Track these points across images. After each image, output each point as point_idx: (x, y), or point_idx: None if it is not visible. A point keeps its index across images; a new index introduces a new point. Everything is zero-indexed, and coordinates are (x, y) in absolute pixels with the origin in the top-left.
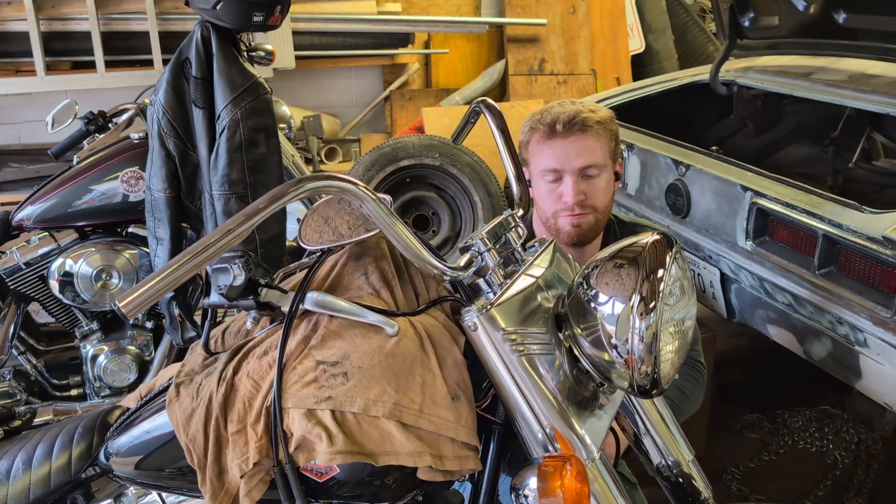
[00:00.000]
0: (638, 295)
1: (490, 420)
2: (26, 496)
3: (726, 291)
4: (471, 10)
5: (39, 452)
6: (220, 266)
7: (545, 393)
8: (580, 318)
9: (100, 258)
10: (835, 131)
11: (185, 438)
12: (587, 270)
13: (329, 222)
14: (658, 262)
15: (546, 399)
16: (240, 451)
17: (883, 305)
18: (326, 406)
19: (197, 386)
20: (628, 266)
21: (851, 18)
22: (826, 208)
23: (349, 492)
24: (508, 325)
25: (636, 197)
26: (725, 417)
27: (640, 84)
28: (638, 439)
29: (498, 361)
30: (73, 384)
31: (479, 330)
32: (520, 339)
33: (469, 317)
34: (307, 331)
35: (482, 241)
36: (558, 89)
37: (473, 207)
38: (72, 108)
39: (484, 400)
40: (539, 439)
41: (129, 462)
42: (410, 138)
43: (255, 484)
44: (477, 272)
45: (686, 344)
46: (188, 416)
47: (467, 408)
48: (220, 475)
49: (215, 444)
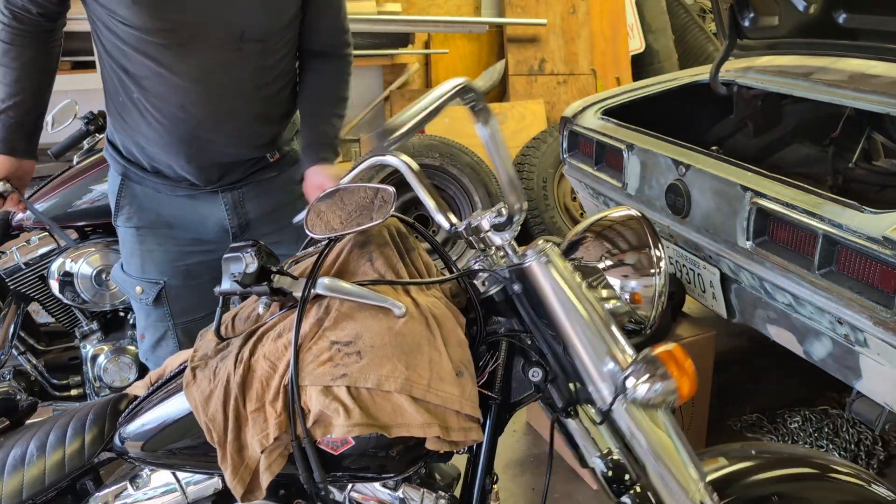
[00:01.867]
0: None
1: (488, 395)
2: (42, 480)
3: (726, 291)
4: (471, 10)
5: (52, 438)
6: (231, 255)
7: (605, 316)
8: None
9: (100, 258)
10: (835, 131)
11: (205, 418)
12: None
13: (321, 216)
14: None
15: (606, 320)
16: (259, 428)
17: (883, 305)
18: (342, 382)
19: (213, 369)
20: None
21: (851, 18)
22: (826, 208)
23: (360, 464)
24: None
25: (636, 197)
26: (725, 417)
27: (640, 84)
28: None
29: (566, 288)
30: (73, 384)
31: (553, 263)
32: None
33: (533, 254)
34: (319, 313)
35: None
36: (558, 89)
37: (474, 207)
38: (72, 108)
39: (481, 377)
40: (605, 358)
41: (145, 444)
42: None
43: (274, 458)
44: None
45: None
46: (206, 397)
47: (470, 383)
48: (240, 451)
49: (235, 423)
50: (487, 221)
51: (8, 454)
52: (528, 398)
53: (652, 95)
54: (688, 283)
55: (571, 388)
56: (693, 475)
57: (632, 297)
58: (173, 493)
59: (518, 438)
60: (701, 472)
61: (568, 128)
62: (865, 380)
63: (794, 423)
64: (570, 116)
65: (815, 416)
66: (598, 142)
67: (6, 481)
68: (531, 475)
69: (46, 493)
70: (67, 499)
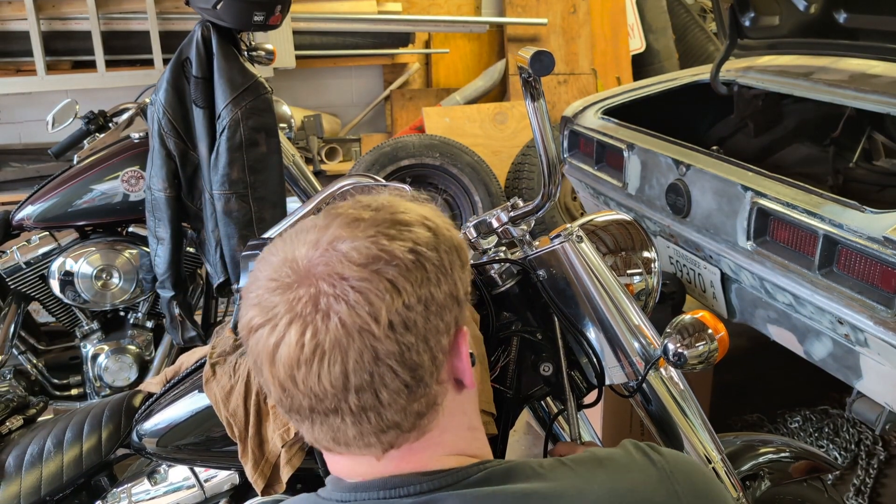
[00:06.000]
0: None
1: (500, 390)
2: (60, 477)
3: (727, 291)
4: (471, 10)
5: (69, 435)
6: (250, 252)
7: (629, 297)
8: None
9: (100, 258)
10: (835, 131)
11: (226, 413)
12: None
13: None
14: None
15: (630, 301)
16: (281, 423)
17: (883, 305)
18: None
19: (233, 364)
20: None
21: (852, 18)
22: (826, 208)
23: None
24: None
25: (636, 197)
26: (725, 417)
27: (641, 84)
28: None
29: (601, 264)
30: (74, 384)
31: (585, 243)
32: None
33: (563, 237)
34: None
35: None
36: (559, 89)
37: (474, 207)
38: (72, 108)
39: (493, 372)
40: (636, 332)
41: (163, 440)
42: (411, 138)
43: (294, 452)
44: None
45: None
46: (227, 393)
47: (485, 378)
48: (261, 446)
49: (256, 417)
50: (505, 215)
51: (24, 451)
52: (539, 392)
53: (652, 95)
54: (688, 282)
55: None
56: (713, 448)
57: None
58: (191, 489)
59: (518, 438)
60: (719, 447)
61: (568, 127)
62: (866, 380)
63: (794, 423)
64: (570, 116)
65: (816, 416)
66: (599, 141)
67: (24, 478)
68: None
69: (64, 490)
70: (83, 495)
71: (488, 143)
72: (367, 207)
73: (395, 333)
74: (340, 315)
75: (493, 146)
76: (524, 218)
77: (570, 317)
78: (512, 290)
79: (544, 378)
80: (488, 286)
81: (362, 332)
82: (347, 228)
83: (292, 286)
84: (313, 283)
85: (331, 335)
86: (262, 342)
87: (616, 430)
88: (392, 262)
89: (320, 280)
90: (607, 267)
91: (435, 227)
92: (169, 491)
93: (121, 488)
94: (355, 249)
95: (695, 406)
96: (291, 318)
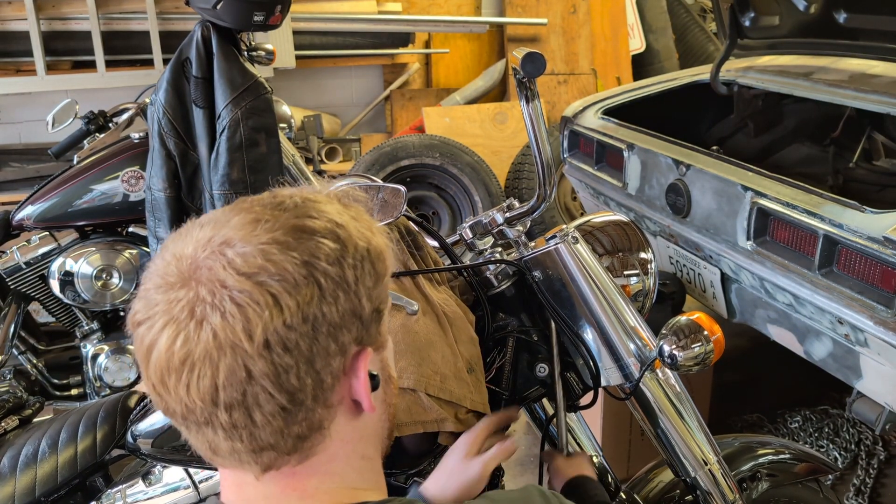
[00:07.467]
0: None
1: (496, 391)
2: (55, 478)
3: (727, 291)
4: (471, 10)
5: (64, 436)
6: None
7: (625, 298)
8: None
9: (100, 258)
10: (835, 131)
11: None
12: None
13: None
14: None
15: (626, 302)
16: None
17: (883, 305)
18: None
19: None
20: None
21: (852, 18)
22: (826, 208)
23: None
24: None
25: (636, 197)
26: (725, 417)
27: (641, 84)
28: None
29: (596, 265)
30: (74, 384)
31: (581, 244)
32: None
33: (559, 238)
34: None
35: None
36: (559, 89)
37: (474, 207)
38: (72, 108)
39: (489, 373)
40: (632, 333)
41: (158, 441)
42: (411, 138)
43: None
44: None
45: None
46: None
47: (480, 380)
48: None
49: None
50: (500, 216)
51: (19, 452)
52: (534, 393)
53: (652, 95)
54: (688, 282)
55: (588, 373)
56: (709, 450)
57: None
58: (186, 490)
59: (518, 438)
60: (715, 448)
61: (568, 127)
62: (866, 380)
63: (794, 423)
64: (570, 116)
65: (816, 416)
66: (599, 141)
67: (19, 479)
68: (531, 475)
69: (59, 490)
70: (78, 496)
71: (488, 143)
72: (277, 206)
73: (272, 353)
74: (214, 326)
75: (493, 146)
76: (520, 219)
77: (565, 318)
78: (508, 292)
79: (540, 379)
80: (484, 287)
81: (235, 348)
82: (242, 230)
83: (174, 286)
84: (193, 288)
85: (201, 346)
86: (140, 340)
87: (615, 432)
88: (278, 275)
89: (200, 285)
90: (603, 268)
91: (346, 236)
92: (164, 492)
93: (116, 489)
94: (242, 256)
95: (691, 408)
96: (166, 321)
